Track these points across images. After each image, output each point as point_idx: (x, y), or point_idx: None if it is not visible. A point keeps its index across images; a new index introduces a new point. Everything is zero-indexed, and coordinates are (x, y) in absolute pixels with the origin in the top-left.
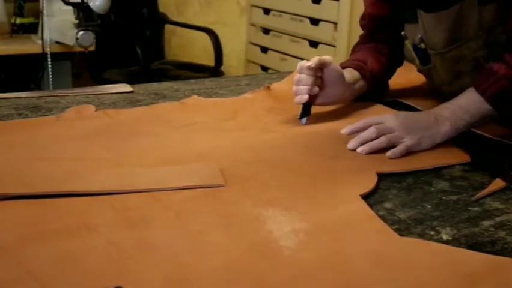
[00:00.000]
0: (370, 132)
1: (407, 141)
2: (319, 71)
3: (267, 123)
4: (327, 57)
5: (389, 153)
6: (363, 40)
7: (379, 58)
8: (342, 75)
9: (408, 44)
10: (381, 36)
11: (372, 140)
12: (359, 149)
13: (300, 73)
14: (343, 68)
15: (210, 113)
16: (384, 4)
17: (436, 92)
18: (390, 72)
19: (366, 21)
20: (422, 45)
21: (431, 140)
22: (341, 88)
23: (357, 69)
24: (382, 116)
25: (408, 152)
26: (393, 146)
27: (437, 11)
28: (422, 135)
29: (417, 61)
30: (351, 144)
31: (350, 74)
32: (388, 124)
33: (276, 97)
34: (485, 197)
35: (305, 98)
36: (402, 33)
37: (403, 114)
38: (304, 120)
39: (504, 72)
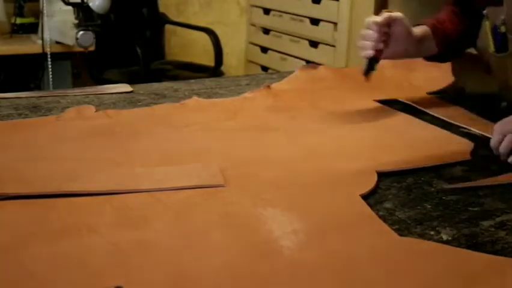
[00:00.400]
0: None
1: None
2: (386, 27)
3: (267, 122)
4: (397, 13)
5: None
6: (449, 2)
7: (458, 21)
8: (409, 33)
9: (487, 26)
10: (466, 6)
11: None
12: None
13: (367, 28)
14: (420, 24)
15: (210, 113)
16: None
17: (504, 89)
18: (466, 41)
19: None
20: (503, 28)
21: None
22: (407, 44)
23: (431, 28)
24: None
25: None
26: None
27: None
28: None
29: (491, 48)
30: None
31: (420, 30)
32: None
33: (276, 95)
34: (485, 197)
35: (370, 53)
36: (484, 11)
37: None
38: (370, 75)
39: None
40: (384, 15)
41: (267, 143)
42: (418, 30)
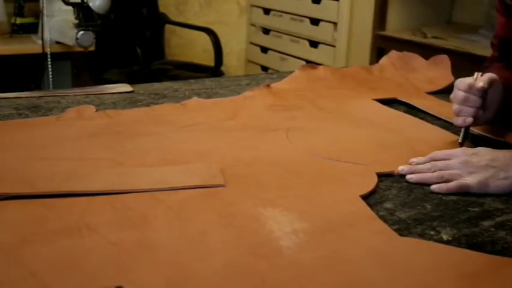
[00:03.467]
0: (426, 166)
1: (465, 181)
2: (485, 92)
3: (267, 122)
4: (492, 75)
5: (433, 186)
6: (493, 60)
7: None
8: (500, 96)
9: None
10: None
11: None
12: (408, 176)
13: (467, 92)
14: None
15: (210, 113)
16: None
17: None
18: None
19: (496, 42)
20: None
21: (506, 183)
22: (495, 110)
23: (503, 85)
24: (453, 151)
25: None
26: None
27: None
28: (492, 175)
29: None
30: (401, 168)
31: (499, 89)
32: (452, 161)
33: (276, 94)
34: (485, 197)
35: (469, 120)
36: None
37: (478, 148)
38: (464, 143)
39: None
40: (485, 79)
41: (267, 143)
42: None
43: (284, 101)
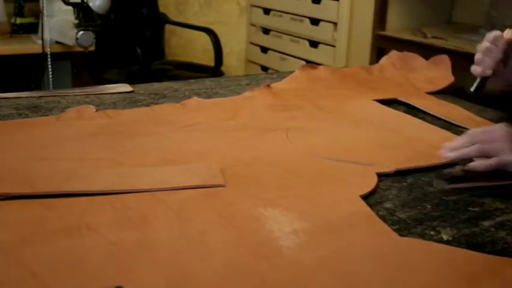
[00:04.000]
0: (465, 139)
1: (506, 157)
2: (510, 49)
3: (267, 122)
4: None
5: (472, 164)
6: None
7: None
8: None
9: None
10: None
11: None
12: (447, 155)
13: (492, 43)
14: None
15: (210, 113)
16: None
17: None
18: None
19: None
20: None
21: None
22: None
23: None
24: (492, 126)
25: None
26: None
27: None
28: None
29: None
30: (444, 153)
31: None
32: (493, 133)
33: (276, 94)
34: (485, 197)
35: (489, 72)
36: None
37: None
38: (479, 94)
39: None
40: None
41: (267, 143)
42: None
43: (284, 101)
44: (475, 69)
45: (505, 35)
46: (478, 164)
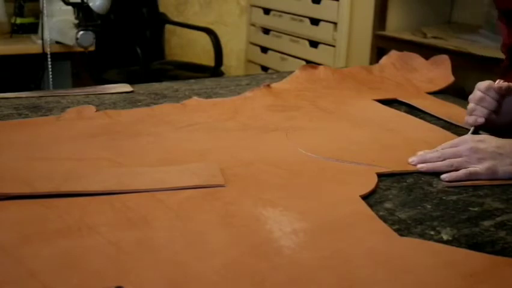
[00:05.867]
0: (435, 154)
1: (474, 168)
2: (501, 97)
3: (267, 122)
4: (511, 85)
5: (443, 175)
6: (506, 69)
7: None
8: None
9: None
10: None
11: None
12: (419, 166)
13: (484, 93)
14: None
15: (210, 113)
16: None
17: None
18: None
19: (505, 50)
20: None
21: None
22: (510, 116)
23: None
24: (460, 138)
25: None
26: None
27: None
28: (499, 161)
29: None
30: (412, 159)
31: None
32: (460, 148)
33: (277, 94)
34: (485, 197)
35: (481, 121)
36: None
37: (483, 136)
38: None
39: None
40: (505, 84)
41: (267, 143)
42: None
43: (284, 101)
44: (468, 119)
45: (497, 84)
46: (448, 175)
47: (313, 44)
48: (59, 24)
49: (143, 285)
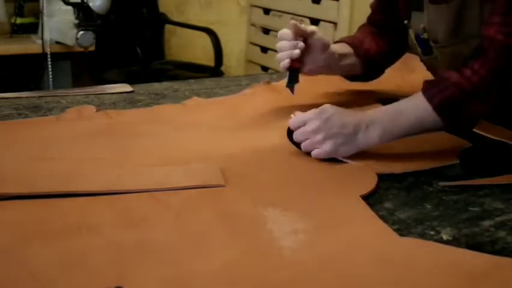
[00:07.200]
0: (298, 135)
1: (324, 147)
2: (299, 37)
3: (268, 120)
4: (309, 27)
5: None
6: (368, 22)
7: (378, 41)
8: (326, 45)
9: (411, 34)
10: (386, 20)
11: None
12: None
13: (280, 40)
14: (337, 42)
15: (210, 112)
16: None
17: None
18: (390, 58)
19: (374, 2)
20: (425, 35)
21: (352, 148)
22: (327, 58)
23: (350, 45)
24: (306, 115)
25: (409, 153)
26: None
27: (440, 3)
28: (342, 141)
29: (419, 50)
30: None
31: (340, 47)
32: (307, 128)
33: (277, 90)
34: (485, 197)
35: (286, 62)
36: (405, 22)
37: (330, 113)
38: (293, 87)
39: (455, 79)
40: (297, 24)
41: (268, 142)
42: (337, 46)
43: (286, 95)
44: (280, 65)
45: (289, 26)
46: (312, 154)
47: None
48: (59, 24)
49: (143, 285)
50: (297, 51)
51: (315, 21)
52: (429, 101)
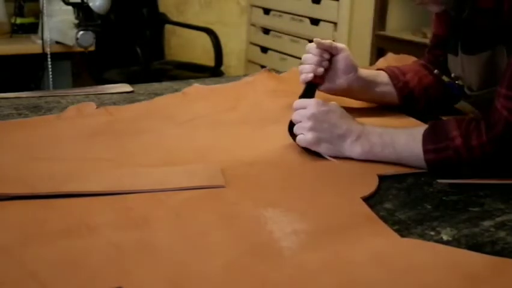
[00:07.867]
0: (295, 115)
1: (308, 135)
2: (326, 53)
3: (269, 111)
4: (339, 44)
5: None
6: (424, 57)
7: (424, 75)
8: (353, 66)
9: (445, 79)
10: (439, 56)
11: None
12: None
13: (307, 52)
14: (377, 69)
15: (211, 102)
16: (442, 24)
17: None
18: (433, 97)
19: (431, 37)
20: (460, 82)
21: (334, 150)
22: (350, 79)
23: (389, 74)
24: (309, 101)
25: None
26: None
27: (470, 54)
28: (327, 138)
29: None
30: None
31: (376, 74)
32: (306, 112)
33: (279, 78)
34: (485, 197)
35: (310, 76)
36: (436, 71)
37: (330, 108)
38: None
39: (458, 144)
40: (326, 41)
41: (268, 141)
42: (369, 72)
43: (289, 83)
44: (301, 77)
45: (315, 41)
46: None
47: None
48: (59, 24)
49: (143, 286)
50: (321, 70)
51: (315, 21)
52: (424, 153)
